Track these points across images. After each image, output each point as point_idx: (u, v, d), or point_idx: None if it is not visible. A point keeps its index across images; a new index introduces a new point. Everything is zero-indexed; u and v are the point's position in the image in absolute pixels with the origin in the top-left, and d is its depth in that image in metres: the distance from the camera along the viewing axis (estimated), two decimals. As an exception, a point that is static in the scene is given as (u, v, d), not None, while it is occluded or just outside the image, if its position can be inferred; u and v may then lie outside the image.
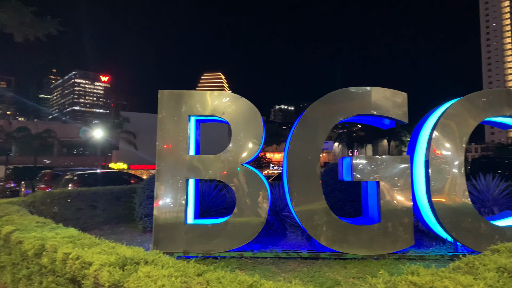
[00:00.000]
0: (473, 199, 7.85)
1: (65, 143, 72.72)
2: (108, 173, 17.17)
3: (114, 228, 9.43)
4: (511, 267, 2.38)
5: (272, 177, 22.74)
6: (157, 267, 2.79)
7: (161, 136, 6.54)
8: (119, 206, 10.07)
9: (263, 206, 6.34)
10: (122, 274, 2.71)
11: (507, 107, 6.56)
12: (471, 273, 2.40)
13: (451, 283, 2.14)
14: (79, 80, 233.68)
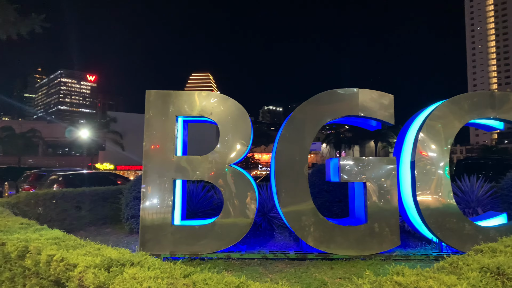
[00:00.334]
0: (457, 200, 7.96)
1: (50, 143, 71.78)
2: (94, 174, 17.00)
3: (100, 229, 9.32)
4: (493, 267, 2.42)
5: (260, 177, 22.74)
6: (143, 268, 2.77)
7: (148, 136, 6.50)
8: (105, 207, 9.95)
9: (251, 207, 6.34)
10: (108, 276, 2.67)
11: (491, 109, 6.68)
12: (455, 273, 2.43)
13: (435, 283, 2.16)
14: (65, 79, 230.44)
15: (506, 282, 2.25)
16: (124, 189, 9.22)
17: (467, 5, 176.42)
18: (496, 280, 2.28)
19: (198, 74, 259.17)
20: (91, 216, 9.65)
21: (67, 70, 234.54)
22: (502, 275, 2.33)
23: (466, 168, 14.46)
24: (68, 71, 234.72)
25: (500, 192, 8.37)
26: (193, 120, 7.11)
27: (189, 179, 6.92)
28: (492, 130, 7.61)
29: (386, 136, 63.22)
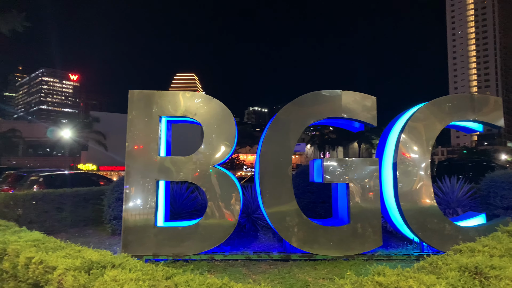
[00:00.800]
0: (438, 200, 8.11)
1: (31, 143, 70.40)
2: (76, 175, 16.72)
3: (81, 231, 9.18)
4: (471, 266, 2.47)
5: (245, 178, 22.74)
6: (125, 270, 2.74)
7: (131, 137, 6.42)
8: (87, 208, 9.80)
9: (235, 208, 6.32)
10: (88, 278, 2.64)
11: (471, 112, 6.82)
12: (434, 273, 2.47)
13: (415, 283, 2.20)
14: (46, 78, 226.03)
15: (484, 281, 2.30)
16: (106, 190, 9.10)
17: (448, 9, 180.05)
18: (474, 279, 2.33)
19: (183, 74, 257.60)
20: (72, 217, 9.49)
21: (49, 69, 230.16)
22: (480, 274, 2.38)
23: (447, 169, 14.75)
24: (50, 69, 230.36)
25: (479, 193, 8.56)
26: (177, 120, 7.07)
27: (172, 180, 6.86)
28: (472, 132, 7.77)
29: (369, 138, 63.93)
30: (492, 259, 2.63)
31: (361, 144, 68.61)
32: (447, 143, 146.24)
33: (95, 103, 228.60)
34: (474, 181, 9.43)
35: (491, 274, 2.33)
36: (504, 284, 2.20)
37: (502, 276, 2.29)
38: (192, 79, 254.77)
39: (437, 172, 15.50)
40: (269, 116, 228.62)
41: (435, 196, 7.43)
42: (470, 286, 2.24)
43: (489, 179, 8.46)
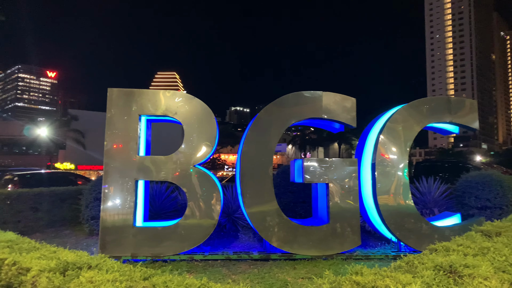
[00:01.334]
0: (416, 200, 8.26)
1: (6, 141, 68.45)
2: (53, 174, 16.38)
3: (58, 231, 8.98)
4: (446, 265, 2.52)
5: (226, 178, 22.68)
6: (101, 271, 2.69)
7: (109, 135, 6.32)
8: (64, 208, 9.60)
9: (216, 208, 6.30)
10: (63, 280, 2.58)
11: (448, 114, 6.98)
12: (411, 272, 2.51)
13: (392, 282, 2.23)
14: (23, 75, 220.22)
15: (458, 280, 2.34)
16: (84, 189, 8.93)
17: (427, 14, 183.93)
18: (449, 278, 2.37)
19: (164, 73, 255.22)
20: (48, 217, 9.28)
21: (26, 65, 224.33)
22: (454, 273, 2.43)
23: (425, 170, 15.05)
24: (27, 66, 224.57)
25: (455, 193, 8.76)
26: (157, 119, 6.99)
27: (152, 180, 6.78)
28: (449, 134, 7.95)
29: (349, 139, 64.67)
30: (466, 258, 2.69)
31: (341, 145, 69.32)
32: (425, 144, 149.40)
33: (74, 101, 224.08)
34: (450, 182, 9.65)
35: (465, 272, 2.39)
36: (477, 283, 2.25)
37: (475, 275, 2.34)
38: (173, 77, 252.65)
39: (415, 173, 15.79)
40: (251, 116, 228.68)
41: (413, 196, 7.57)
42: (445, 284, 2.28)
43: (464, 180, 8.66)
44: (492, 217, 7.32)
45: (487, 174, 8.35)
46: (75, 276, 2.62)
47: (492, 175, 8.27)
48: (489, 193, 7.98)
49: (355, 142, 61.82)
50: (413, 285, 2.20)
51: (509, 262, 2.65)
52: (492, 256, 2.81)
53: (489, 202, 7.97)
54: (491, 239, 3.48)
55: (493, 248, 3.02)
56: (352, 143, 63.91)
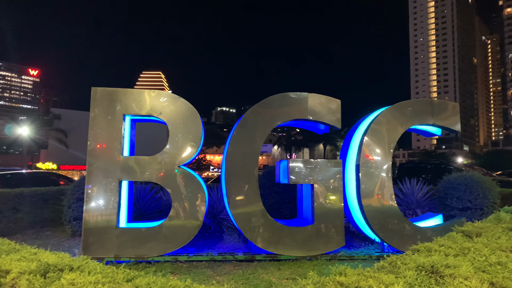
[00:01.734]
0: (399, 201, 8.37)
1: (-14, 140, 66.80)
2: (35, 174, 16.06)
3: (39, 232, 8.81)
4: (428, 265, 2.55)
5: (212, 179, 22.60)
6: (83, 273, 2.64)
7: (93, 135, 6.23)
8: (45, 209, 9.43)
9: (201, 209, 6.27)
10: (43, 282, 2.53)
11: (430, 116, 7.09)
12: (393, 272, 2.54)
13: (375, 282, 2.25)
14: (3, 72, 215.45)
15: (439, 280, 2.38)
16: (66, 190, 8.78)
17: (411, 18, 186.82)
18: (430, 278, 2.41)
19: (149, 72, 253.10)
20: (29, 218, 9.10)
21: (6, 63, 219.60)
22: (436, 273, 2.47)
23: (408, 171, 15.25)
24: (7, 63, 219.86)
25: (437, 195, 8.89)
26: (142, 119, 6.93)
27: (136, 181, 6.72)
28: (431, 136, 8.08)
29: (334, 140, 65.10)
30: (447, 258, 2.73)
31: (327, 146, 69.78)
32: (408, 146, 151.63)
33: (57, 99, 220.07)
34: (433, 183, 9.81)
35: (446, 272, 2.43)
36: (458, 282, 2.29)
37: (456, 275, 2.38)
38: (158, 77, 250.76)
39: (398, 174, 15.99)
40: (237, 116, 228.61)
41: (396, 197, 7.67)
42: (427, 284, 2.31)
43: (446, 181, 8.80)
44: (473, 217, 7.47)
45: (469, 176, 8.50)
46: (56, 278, 2.57)
47: (473, 177, 8.42)
48: (470, 194, 8.13)
49: (340, 143, 62.31)
50: (395, 286, 2.22)
51: (489, 262, 2.70)
52: (472, 256, 2.86)
53: (470, 203, 8.12)
54: (471, 239, 3.54)
55: (473, 248, 3.08)
56: (337, 144, 64.38)
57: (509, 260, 2.77)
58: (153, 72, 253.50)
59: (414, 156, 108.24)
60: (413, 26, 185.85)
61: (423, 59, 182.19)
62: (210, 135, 58.03)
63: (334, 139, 64.76)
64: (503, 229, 3.92)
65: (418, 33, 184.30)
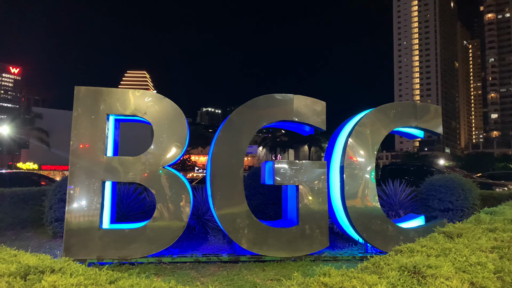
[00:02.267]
0: (382, 203, 8.47)
1: (-36, 139, 65.15)
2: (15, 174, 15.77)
3: (19, 234, 8.62)
4: (410, 266, 2.59)
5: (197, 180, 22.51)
6: (65, 275, 2.60)
7: (76, 135, 6.14)
8: (26, 209, 9.24)
9: (185, 210, 6.23)
10: (24, 284, 2.47)
11: (413, 119, 7.20)
12: (377, 273, 2.57)
13: (358, 283, 2.27)
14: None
15: (421, 280, 2.42)
16: (48, 190, 8.62)
17: (395, 22, 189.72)
18: (413, 278, 2.44)
19: (134, 72, 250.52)
20: (9, 219, 8.91)
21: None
22: (418, 274, 2.51)
23: (391, 173, 15.44)
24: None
25: (420, 196, 9.04)
26: (126, 119, 6.85)
27: (120, 181, 6.63)
28: (414, 138, 8.20)
29: (319, 141, 65.53)
30: (429, 259, 2.78)
31: (312, 147, 70.17)
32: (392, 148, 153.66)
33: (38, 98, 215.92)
34: (415, 185, 9.96)
35: (428, 273, 2.47)
36: (439, 282, 2.33)
37: (438, 275, 2.42)
38: (143, 77, 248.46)
39: (381, 176, 16.18)
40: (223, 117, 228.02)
41: (379, 198, 7.75)
42: (409, 284, 2.35)
43: (428, 183, 8.95)
44: (454, 218, 7.61)
45: (450, 178, 8.66)
46: (36, 280, 2.52)
47: (454, 179, 8.59)
48: (451, 195, 8.29)
49: (325, 145, 62.71)
50: (378, 286, 2.25)
51: (469, 262, 2.76)
52: (453, 256, 2.91)
53: (451, 204, 8.28)
54: (452, 240, 3.61)
55: (454, 249, 3.14)
56: (322, 145, 64.81)
57: (488, 260, 2.83)
58: (137, 71, 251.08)
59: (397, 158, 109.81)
60: (397, 30, 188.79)
61: (406, 62, 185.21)
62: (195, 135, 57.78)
63: (319, 141, 65.19)
64: (483, 230, 4.00)
65: (402, 37, 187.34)
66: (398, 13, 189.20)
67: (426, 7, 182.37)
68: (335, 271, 2.53)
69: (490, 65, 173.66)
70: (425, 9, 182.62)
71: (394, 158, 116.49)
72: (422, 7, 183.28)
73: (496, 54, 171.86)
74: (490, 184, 15.41)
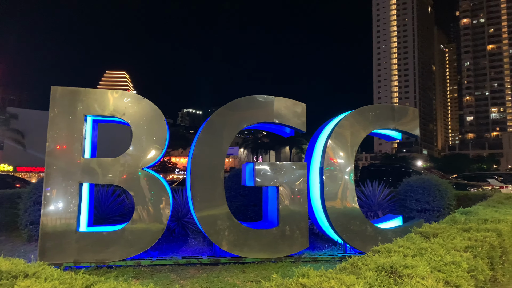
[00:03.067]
0: (361, 203, 8.58)
1: None
2: (-12, 176, 15.29)
3: (-8, 237, 8.37)
4: (388, 266, 2.63)
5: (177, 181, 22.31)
6: (39, 280, 2.53)
7: (52, 136, 6.00)
8: (-1, 213, 8.97)
9: (165, 212, 6.16)
10: (-5, 290, 2.40)
11: (391, 121, 7.32)
12: (355, 273, 2.60)
13: (336, 284, 2.29)
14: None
15: (398, 280, 2.46)
16: (23, 193, 8.39)
17: (374, 25, 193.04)
18: (389, 278, 2.48)
19: (113, 72, 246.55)
20: (-19, 223, 8.63)
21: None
22: (395, 273, 2.55)
23: (370, 174, 15.67)
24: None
25: (398, 197, 9.20)
26: (104, 120, 6.74)
27: (97, 183, 6.52)
28: (392, 140, 8.35)
29: (300, 143, 65.97)
30: (406, 259, 2.83)
31: (293, 149, 70.55)
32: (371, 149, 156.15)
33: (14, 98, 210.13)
34: (394, 186, 10.13)
35: (404, 272, 2.51)
36: (415, 282, 2.37)
37: (414, 274, 2.47)
38: (123, 77, 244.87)
39: (361, 177, 16.38)
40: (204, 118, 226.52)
41: (358, 199, 7.86)
42: (386, 284, 2.38)
43: (406, 184, 9.11)
44: (431, 219, 7.78)
45: (427, 179, 8.85)
46: (9, 286, 2.45)
47: (431, 180, 8.78)
48: (428, 196, 8.46)
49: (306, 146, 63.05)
50: (356, 286, 2.27)
51: (444, 261, 2.82)
52: (429, 256, 2.97)
53: (428, 205, 8.45)
54: (428, 240, 3.68)
55: (430, 248, 3.20)
56: (303, 147, 65.25)
57: (463, 259, 2.90)
58: (117, 72, 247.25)
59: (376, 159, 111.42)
60: (376, 34, 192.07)
61: (385, 65, 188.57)
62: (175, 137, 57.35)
63: (300, 142, 65.62)
64: (458, 230, 4.10)
65: (381, 40, 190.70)
66: (377, 16, 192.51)
67: (404, 12, 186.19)
68: (314, 272, 2.54)
69: (466, 69, 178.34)
70: (403, 13, 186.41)
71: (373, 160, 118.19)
72: (401, 11, 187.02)
73: (471, 58, 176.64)
74: (465, 184, 15.80)
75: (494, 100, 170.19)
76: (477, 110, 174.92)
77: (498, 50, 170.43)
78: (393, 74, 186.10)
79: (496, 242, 3.74)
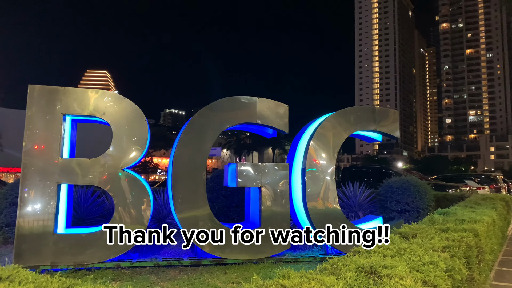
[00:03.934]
0: (342, 204, 8.66)
1: None
2: (-38, 176, 14.84)
3: (-35, 240, 8.10)
4: (367, 266, 2.65)
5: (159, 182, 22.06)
6: (13, 284, 2.46)
7: (29, 135, 5.85)
8: (-27, 214, 8.68)
9: (145, 213, 6.08)
10: (-34, 295, 2.33)
11: (372, 123, 7.41)
12: (335, 274, 2.61)
13: (317, 284, 2.30)
14: None
15: (377, 280, 2.48)
16: (-2, 193, 8.16)
17: (357, 28, 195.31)
18: (369, 279, 2.50)
19: (94, 71, 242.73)
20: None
21: None
22: (374, 274, 2.57)
23: (351, 175, 15.83)
24: None
25: (378, 198, 9.32)
26: (84, 120, 6.62)
27: (76, 184, 6.39)
28: (373, 141, 8.46)
29: (282, 144, 66.25)
30: (385, 259, 2.86)
31: (275, 150, 70.76)
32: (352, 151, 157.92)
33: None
34: (374, 187, 10.26)
35: (383, 273, 2.53)
36: (394, 282, 2.40)
37: (393, 275, 2.50)
38: (104, 76, 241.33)
39: (342, 178, 16.54)
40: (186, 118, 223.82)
41: (339, 200, 7.92)
42: (365, 285, 2.40)
43: (386, 185, 9.24)
44: (410, 219, 7.90)
45: (407, 180, 8.99)
46: (-19, 290, 2.38)
47: (411, 181, 8.92)
48: (408, 197, 8.60)
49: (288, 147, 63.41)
50: (336, 287, 2.29)
51: (423, 262, 2.86)
52: (408, 256, 3.01)
53: (407, 205, 8.59)
54: (408, 240, 3.74)
55: (409, 249, 3.25)
56: (286, 148, 65.51)
57: (440, 259, 2.95)
58: (98, 71, 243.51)
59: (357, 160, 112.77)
60: (359, 37, 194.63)
61: (367, 68, 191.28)
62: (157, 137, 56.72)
63: (282, 143, 65.89)
64: (436, 230, 4.17)
65: (363, 43, 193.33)
66: (359, 20, 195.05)
67: (386, 15, 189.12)
68: (294, 273, 2.54)
69: (445, 72, 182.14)
70: (385, 17, 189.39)
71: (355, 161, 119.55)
72: (382, 14, 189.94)
73: (450, 62, 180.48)
74: (444, 186, 16.13)
75: (472, 103, 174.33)
76: (455, 113, 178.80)
77: (476, 55, 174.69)
78: (374, 76, 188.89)
79: (473, 242, 3.82)
